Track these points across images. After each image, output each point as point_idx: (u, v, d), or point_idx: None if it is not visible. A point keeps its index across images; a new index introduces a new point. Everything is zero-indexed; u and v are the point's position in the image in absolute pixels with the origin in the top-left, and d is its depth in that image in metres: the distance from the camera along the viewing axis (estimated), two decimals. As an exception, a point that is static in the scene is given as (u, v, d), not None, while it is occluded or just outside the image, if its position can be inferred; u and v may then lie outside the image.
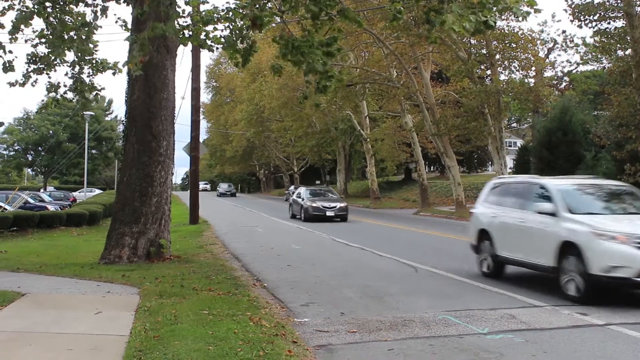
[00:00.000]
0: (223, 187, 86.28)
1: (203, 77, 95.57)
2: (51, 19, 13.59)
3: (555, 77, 44.98)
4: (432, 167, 73.39)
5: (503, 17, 30.65)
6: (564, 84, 47.42)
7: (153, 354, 6.81)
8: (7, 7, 13.43)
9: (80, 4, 14.22)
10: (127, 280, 11.80)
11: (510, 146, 70.14)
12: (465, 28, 8.58)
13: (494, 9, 8.84)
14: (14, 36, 12.92)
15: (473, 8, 8.78)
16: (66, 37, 13.44)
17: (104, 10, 14.17)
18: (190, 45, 14.04)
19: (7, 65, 13.06)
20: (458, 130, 38.90)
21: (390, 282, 12.85)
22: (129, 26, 13.70)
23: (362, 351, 7.78)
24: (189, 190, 31.05)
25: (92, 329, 8.00)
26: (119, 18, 13.76)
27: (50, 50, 13.44)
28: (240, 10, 10.06)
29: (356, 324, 9.09)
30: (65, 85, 14.63)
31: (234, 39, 10.38)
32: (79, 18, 13.48)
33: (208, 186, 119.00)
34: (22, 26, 12.83)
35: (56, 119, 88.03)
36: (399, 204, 51.47)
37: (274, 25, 10.36)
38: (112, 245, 14.50)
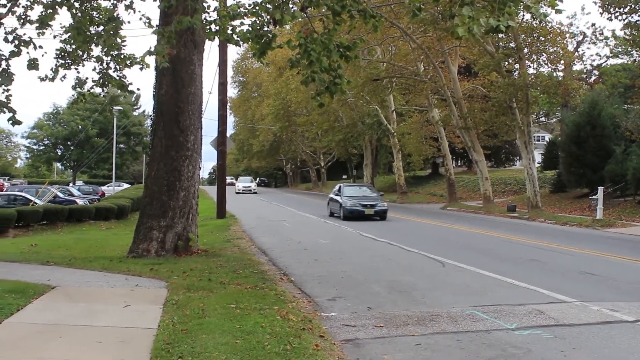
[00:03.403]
0: (350, 193, 31.56)
1: (230, 72, 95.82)
2: (79, 14, 13.68)
3: (585, 71, 44.50)
4: (459, 162, 73.03)
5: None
6: (593, 77, 46.85)
7: (181, 347, 6.84)
8: (32, 2, 13.54)
9: (106, -1, 14.37)
10: (155, 273, 11.89)
11: (538, 140, 69.54)
12: (473, 32, 8.42)
13: (504, 10, 8.70)
14: (41, 31, 13.05)
15: (493, 5, 8.64)
16: (91, 31, 13.54)
17: (130, 5, 14.24)
18: (217, 40, 14.06)
19: (32, 63, 13.20)
20: (486, 125, 38.63)
21: (417, 277, 12.81)
22: (153, 23, 13.76)
23: (389, 346, 7.74)
24: (216, 184, 31.11)
25: (120, 322, 8.07)
26: (143, 15, 13.81)
27: (73, 44, 13.55)
28: (268, 6, 10.06)
29: (383, 318, 9.07)
30: (93, 80, 14.73)
31: (254, 33, 10.39)
32: (107, 13, 13.56)
33: (252, 185, 72.47)
34: (49, 21, 12.95)
35: (85, 114, 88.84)
36: (426, 199, 51.32)
37: (300, 19, 10.35)
38: (140, 239, 14.61)
